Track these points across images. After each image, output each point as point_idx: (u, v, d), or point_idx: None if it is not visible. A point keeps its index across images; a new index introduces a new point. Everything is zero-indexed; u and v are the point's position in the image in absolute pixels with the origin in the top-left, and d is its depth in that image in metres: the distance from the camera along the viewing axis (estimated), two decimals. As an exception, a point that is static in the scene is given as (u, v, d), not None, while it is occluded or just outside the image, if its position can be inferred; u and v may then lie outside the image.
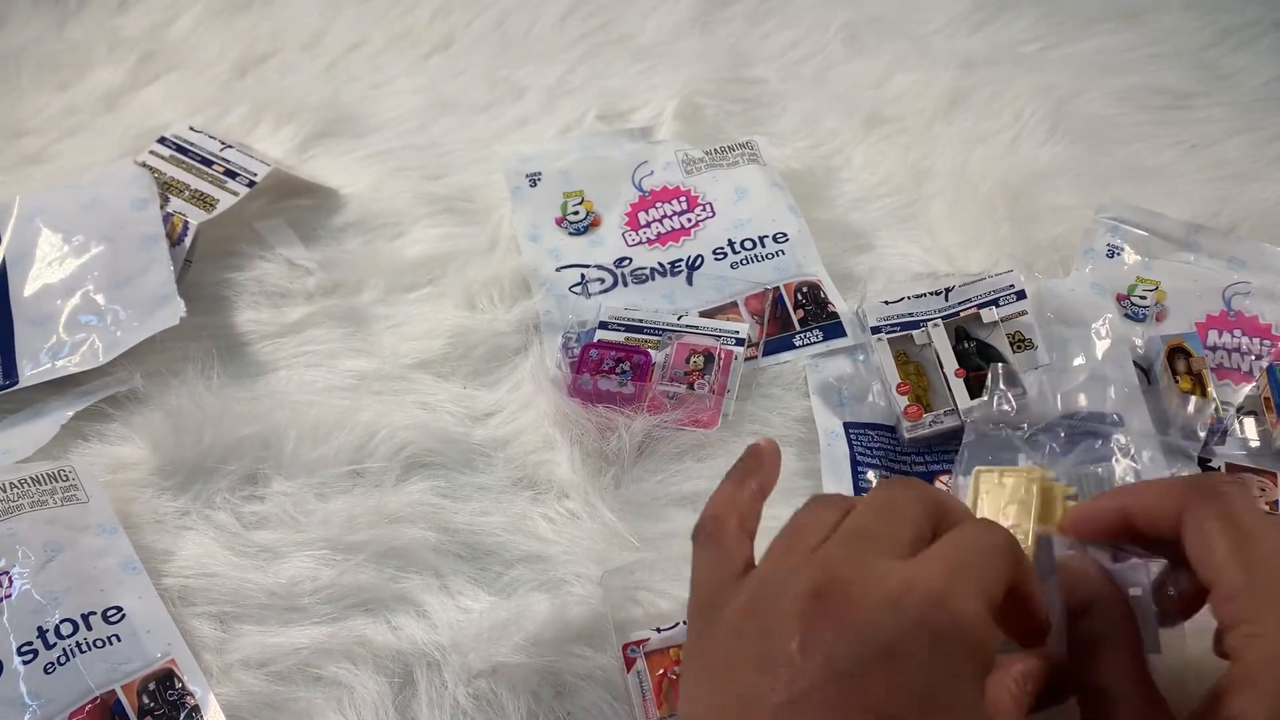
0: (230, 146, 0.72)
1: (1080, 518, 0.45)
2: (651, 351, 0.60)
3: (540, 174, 0.70)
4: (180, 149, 0.71)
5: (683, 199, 0.69)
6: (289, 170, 0.72)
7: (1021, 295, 0.59)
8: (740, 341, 0.61)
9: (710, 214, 0.68)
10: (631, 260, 0.66)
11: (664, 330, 0.62)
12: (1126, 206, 0.66)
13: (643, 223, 0.68)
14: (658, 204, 0.69)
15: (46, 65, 0.82)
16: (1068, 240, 0.67)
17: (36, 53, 0.83)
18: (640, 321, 0.62)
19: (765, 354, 0.62)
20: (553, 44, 0.85)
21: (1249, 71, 0.82)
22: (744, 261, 0.65)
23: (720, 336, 0.61)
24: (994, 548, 0.37)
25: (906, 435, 0.57)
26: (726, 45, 0.85)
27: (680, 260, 0.66)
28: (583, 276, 0.66)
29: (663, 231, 0.68)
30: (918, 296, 0.61)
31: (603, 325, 0.62)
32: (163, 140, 0.72)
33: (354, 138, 0.77)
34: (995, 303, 0.59)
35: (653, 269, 0.66)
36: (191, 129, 0.73)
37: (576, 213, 0.69)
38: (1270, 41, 0.85)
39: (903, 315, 0.60)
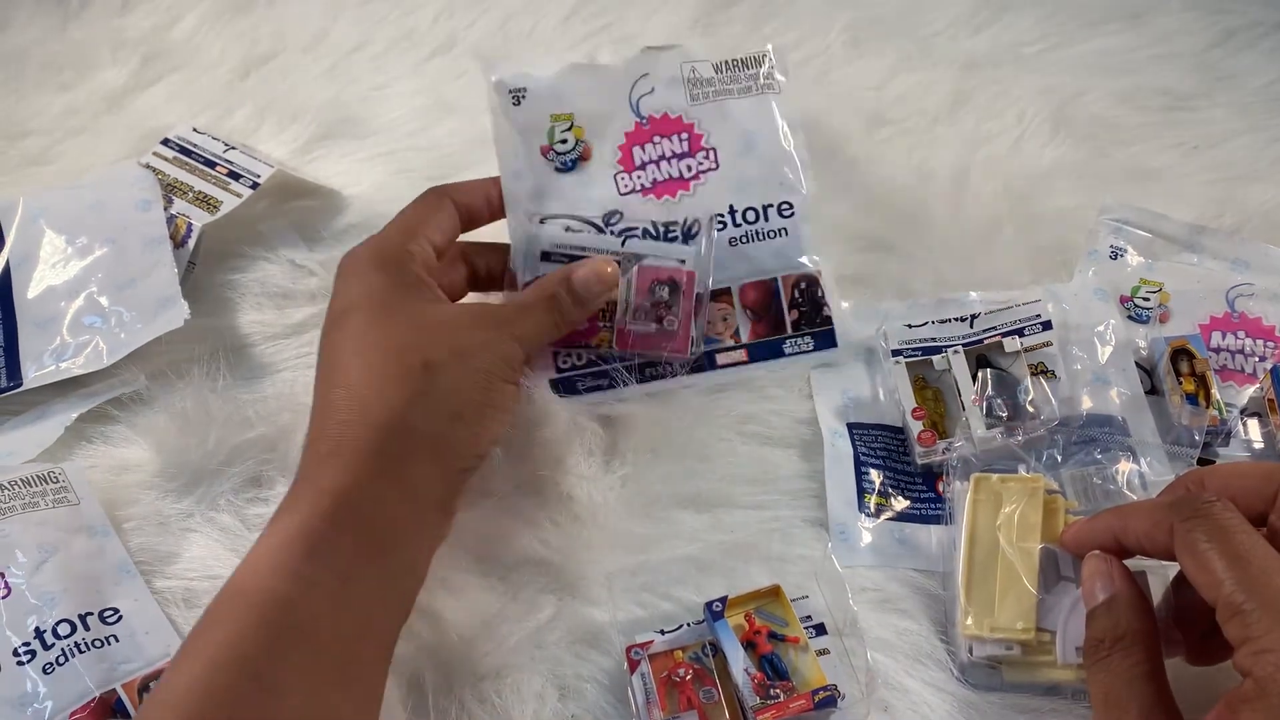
0: (234, 148, 0.72)
1: (1075, 540, 0.46)
2: None
3: (525, 90, 0.61)
4: (184, 150, 0.71)
5: (684, 136, 0.62)
6: (292, 172, 0.73)
7: (1047, 325, 0.58)
8: (683, 261, 0.58)
9: (713, 165, 0.62)
10: (622, 215, 0.60)
11: (622, 256, 0.58)
12: (1130, 208, 0.66)
13: (638, 162, 0.61)
14: (656, 138, 0.61)
15: (49, 66, 0.82)
16: (1071, 242, 0.67)
17: (39, 53, 0.83)
18: (584, 249, 0.58)
19: (753, 359, 0.61)
20: (555, 45, 0.85)
21: (1251, 72, 0.82)
22: (744, 239, 0.61)
23: (678, 260, 0.59)
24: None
25: (919, 461, 0.57)
26: (728, 47, 0.84)
27: (675, 224, 0.60)
28: (567, 229, 0.60)
29: (659, 179, 0.61)
30: (942, 321, 0.60)
31: (545, 257, 0.58)
32: (166, 142, 0.72)
33: (357, 139, 0.77)
34: (1020, 332, 0.58)
35: (645, 229, 0.60)
36: (195, 130, 0.73)
37: (564, 141, 0.61)
38: (1272, 43, 0.85)
39: (925, 340, 0.60)
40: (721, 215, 0.61)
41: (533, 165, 0.61)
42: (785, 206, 0.62)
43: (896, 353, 0.60)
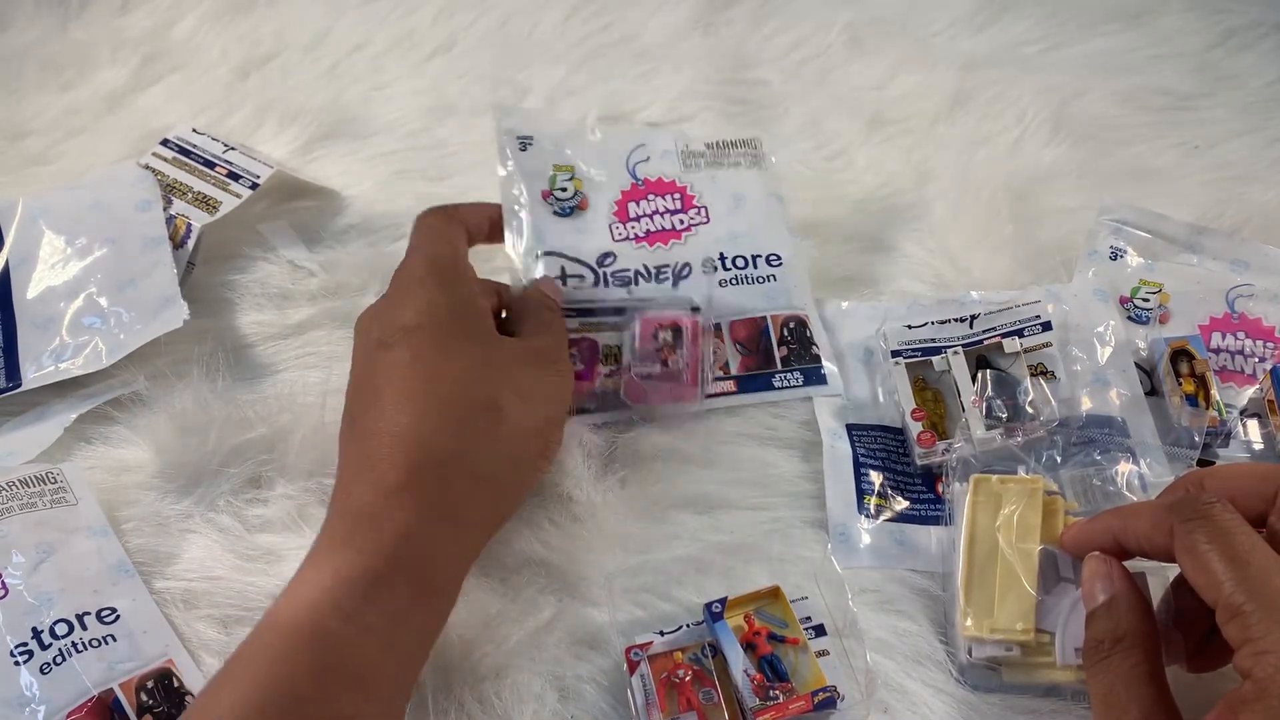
0: (233, 148, 0.72)
1: (1075, 541, 0.46)
2: (595, 336, 0.59)
3: (533, 138, 0.65)
4: (183, 151, 0.71)
5: (677, 196, 0.65)
6: (292, 172, 0.72)
7: (1047, 326, 0.59)
8: (696, 309, 0.59)
9: (704, 219, 0.64)
10: (615, 258, 0.62)
11: (621, 309, 0.59)
12: (1129, 208, 0.66)
13: (632, 215, 0.64)
14: (650, 196, 0.64)
15: (49, 66, 0.82)
16: (1071, 242, 0.67)
17: (39, 53, 0.83)
18: (592, 302, 0.60)
19: (742, 390, 0.60)
20: (555, 45, 0.85)
21: (1251, 73, 0.82)
22: (734, 281, 0.63)
23: (682, 307, 0.60)
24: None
25: (919, 462, 0.57)
26: (729, 47, 0.84)
27: (667, 267, 0.63)
28: (563, 270, 0.61)
29: (652, 229, 0.64)
30: (942, 322, 0.60)
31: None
32: (166, 142, 0.72)
33: (357, 139, 0.77)
34: (1020, 333, 0.59)
35: (637, 271, 0.62)
36: (195, 131, 0.73)
37: (564, 189, 0.64)
38: (1273, 43, 0.85)
39: (925, 340, 0.60)
40: (711, 259, 0.63)
41: (533, 206, 0.63)
42: (774, 257, 0.63)
43: (896, 353, 0.60)
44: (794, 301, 0.63)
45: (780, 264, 0.63)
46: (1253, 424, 0.58)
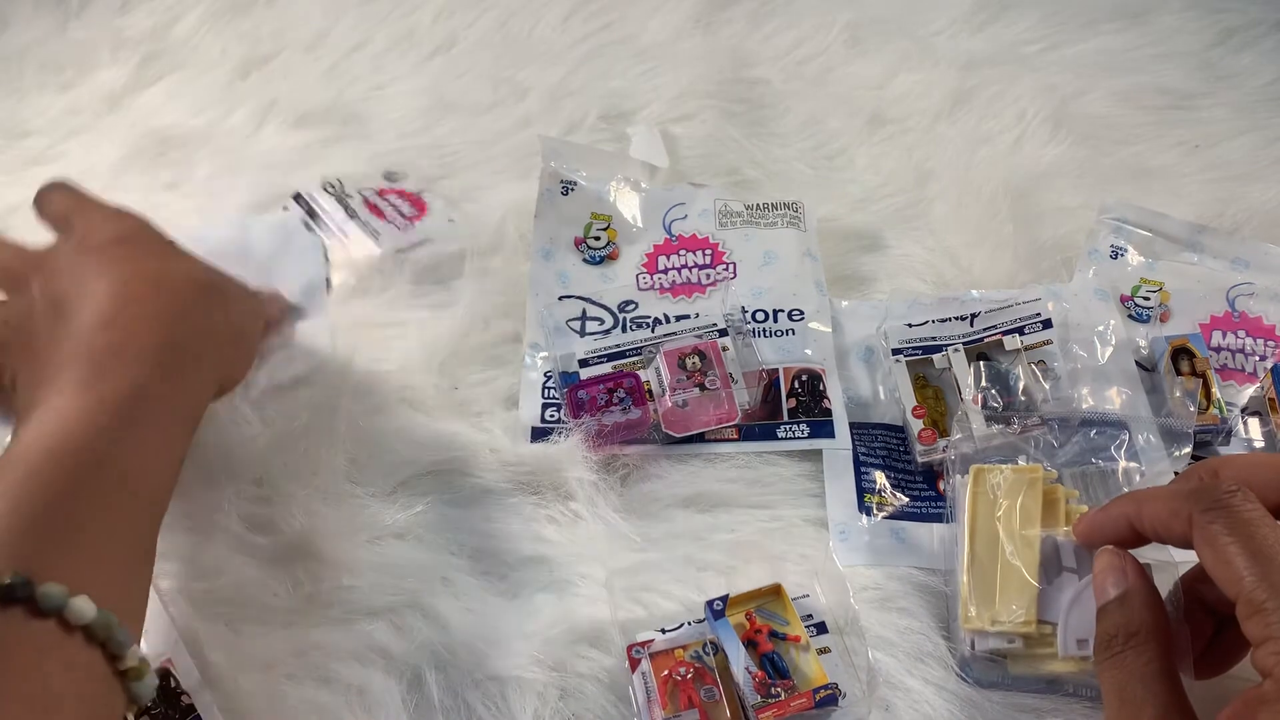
0: (355, 216, 0.69)
1: (1088, 528, 0.45)
2: (639, 372, 0.59)
3: (575, 184, 0.67)
4: (311, 214, 0.69)
5: (708, 251, 0.65)
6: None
7: (1048, 324, 0.59)
8: (723, 332, 0.60)
9: (731, 274, 0.64)
10: (637, 305, 0.63)
11: (643, 346, 0.60)
12: (1130, 207, 0.66)
13: (661, 268, 0.65)
14: (681, 251, 0.65)
15: (50, 66, 0.82)
16: (1071, 240, 0.67)
17: (39, 53, 0.83)
18: (618, 346, 0.60)
19: (744, 438, 0.58)
20: (555, 45, 0.85)
21: (1251, 72, 0.83)
22: (751, 334, 0.62)
23: (701, 334, 0.60)
24: None
25: (920, 459, 0.57)
26: (729, 46, 0.85)
27: (686, 317, 0.62)
28: (583, 313, 0.63)
29: (678, 282, 0.64)
30: (943, 320, 0.60)
31: (582, 364, 0.60)
32: (297, 197, 0.70)
33: (357, 139, 0.77)
34: (1020, 330, 0.59)
35: (655, 320, 0.62)
36: (326, 189, 0.70)
37: (598, 239, 0.66)
38: (1273, 42, 0.85)
39: (925, 339, 0.60)
40: (730, 315, 0.62)
41: (563, 252, 0.66)
42: (796, 313, 0.63)
43: (897, 352, 0.60)
44: (811, 356, 0.61)
45: (801, 318, 0.63)
46: (1254, 422, 0.58)
